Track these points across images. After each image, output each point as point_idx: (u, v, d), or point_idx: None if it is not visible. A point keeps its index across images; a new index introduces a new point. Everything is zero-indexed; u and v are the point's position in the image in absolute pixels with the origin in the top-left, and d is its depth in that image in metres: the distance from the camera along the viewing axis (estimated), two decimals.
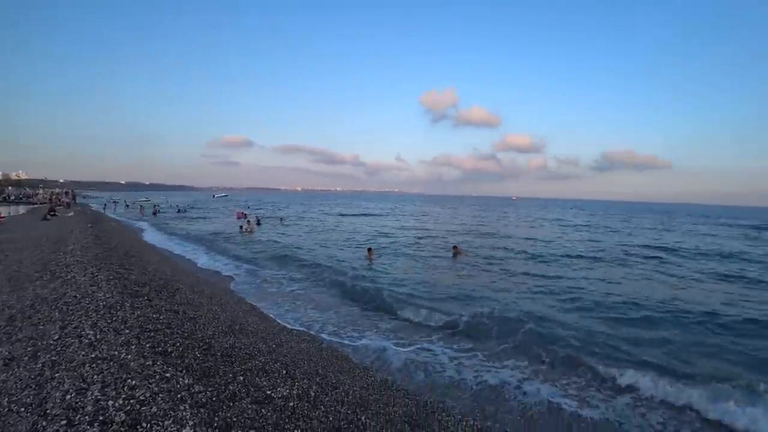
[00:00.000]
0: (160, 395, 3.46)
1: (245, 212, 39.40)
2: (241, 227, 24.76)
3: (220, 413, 3.47)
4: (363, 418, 4.26)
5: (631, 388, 5.81)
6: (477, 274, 13.58)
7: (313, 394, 4.52)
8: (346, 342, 7.44)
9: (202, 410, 3.42)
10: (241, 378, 4.38)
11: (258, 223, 29.27)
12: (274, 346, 6.16)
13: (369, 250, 16.17)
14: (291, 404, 4.09)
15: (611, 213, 73.78)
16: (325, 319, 8.70)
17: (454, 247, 18.10)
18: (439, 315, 8.76)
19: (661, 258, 18.20)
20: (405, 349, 7.19)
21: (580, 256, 17.70)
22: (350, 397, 4.74)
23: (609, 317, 9.05)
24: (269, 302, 9.77)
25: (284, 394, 4.29)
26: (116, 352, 4.15)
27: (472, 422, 4.73)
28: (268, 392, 4.22)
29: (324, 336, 7.65)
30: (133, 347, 4.36)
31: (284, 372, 4.99)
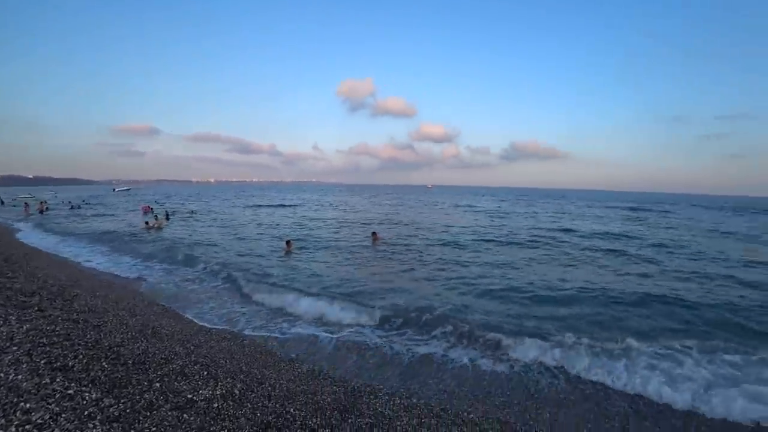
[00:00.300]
0: (63, 415, 3.16)
1: (152, 207, 36.17)
2: (147, 223, 22.69)
3: (136, 425, 3.27)
4: (291, 410, 4.27)
5: (523, 354, 6.60)
6: (395, 262, 13.83)
7: (237, 392, 4.42)
8: (275, 335, 7.34)
9: (115, 425, 3.19)
10: (158, 384, 4.13)
11: (167, 218, 27.06)
12: (192, 347, 5.87)
13: (287, 242, 15.80)
14: (215, 405, 3.97)
15: (519, 198, 79.48)
16: (246, 315, 8.45)
17: (373, 234, 18.43)
18: (361, 304, 8.93)
19: (560, 239, 20.22)
20: (334, 336, 7.30)
21: (491, 241, 18.85)
22: (277, 391, 4.72)
23: (514, 297, 9.84)
24: (184, 302, 9.21)
25: (207, 395, 4.15)
26: (2, 374, 3.67)
27: (398, 401, 4.97)
28: (190, 396, 4.05)
29: (247, 332, 7.45)
30: (24, 366, 3.89)
31: (205, 373, 4.80)
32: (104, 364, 4.37)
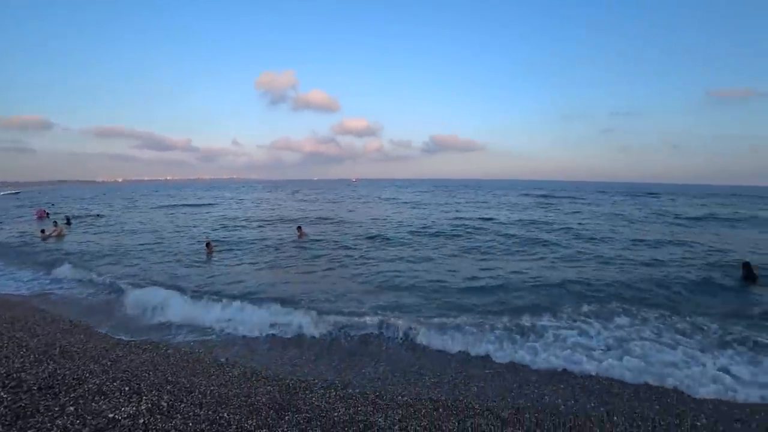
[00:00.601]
0: None
1: (48, 211, 32.04)
2: (43, 231, 20.06)
3: None
4: (225, 414, 4.19)
5: (452, 339, 7.05)
6: (322, 259, 13.66)
7: (165, 404, 4.23)
8: (201, 340, 7.03)
9: None
10: (72, 408, 3.83)
11: (68, 224, 24.20)
12: (109, 363, 5.46)
13: (208, 244, 14.97)
14: (141, 421, 3.77)
15: (442, 190, 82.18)
16: (168, 324, 7.98)
17: (299, 228, 18.17)
18: (290, 304, 8.72)
19: (480, 227, 21.36)
20: (263, 337, 7.18)
21: (415, 233, 19.23)
22: (209, 398, 4.58)
23: (439, 287, 10.17)
24: (96, 316, 8.44)
25: (131, 412, 3.92)
26: None
27: (334, 392, 5.07)
28: (111, 415, 3.80)
29: (171, 340, 7.06)
30: None
31: (127, 389, 4.51)
32: (2, 394, 3.93)
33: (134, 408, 4.00)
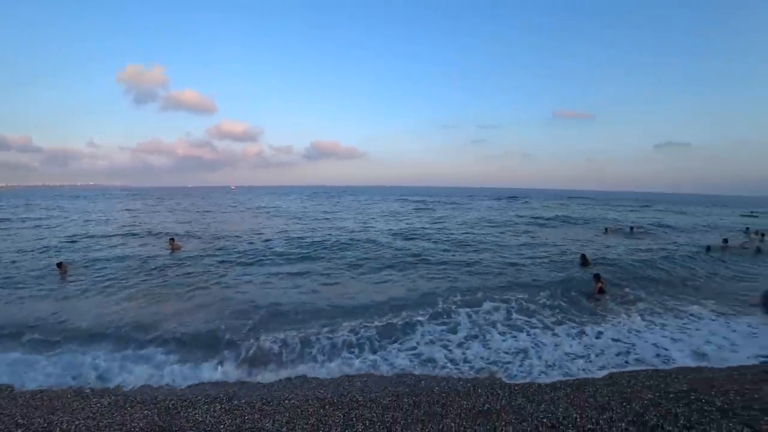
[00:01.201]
0: None
1: None
2: None
3: None
4: None
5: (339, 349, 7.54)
6: (195, 278, 12.50)
7: None
8: (58, 372, 6.20)
9: None
10: None
11: None
12: None
13: (59, 265, 12.84)
14: None
15: (324, 197, 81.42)
16: (14, 363, 6.85)
17: (171, 240, 16.77)
18: (155, 330, 8.05)
19: (368, 238, 22.16)
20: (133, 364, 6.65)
21: (301, 247, 18.10)
22: None
23: (318, 303, 10.52)
24: None
25: None
26: None
27: (219, 406, 5.04)
28: None
29: (17, 382, 6.10)
30: None
31: None
32: None
33: None
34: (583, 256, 14.00)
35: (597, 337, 7.63)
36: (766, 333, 7.63)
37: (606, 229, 24.84)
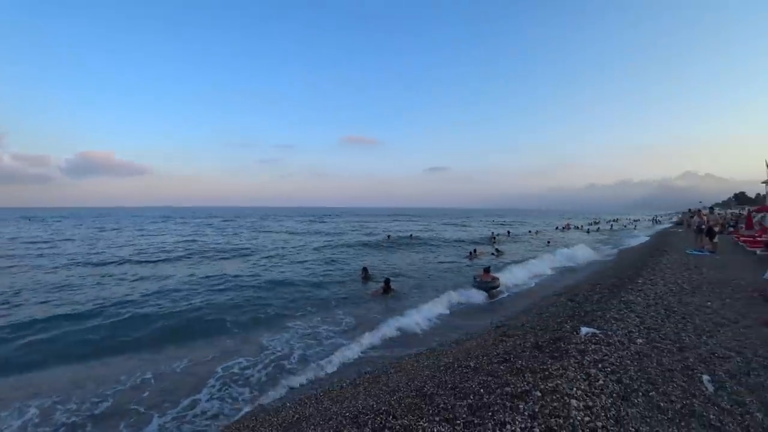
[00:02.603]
0: None
1: None
2: None
3: None
4: None
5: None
6: None
7: None
8: None
9: None
10: None
11: None
12: None
13: None
14: None
15: (91, 221, 67.34)
16: None
17: None
18: None
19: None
20: None
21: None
22: None
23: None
24: None
25: None
26: None
27: None
28: None
29: None
30: None
31: None
32: None
33: None
34: (365, 270, 15.85)
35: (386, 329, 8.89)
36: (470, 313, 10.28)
37: (388, 235, 29.82)
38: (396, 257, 22.47)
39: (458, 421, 3.90)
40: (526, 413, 3.82)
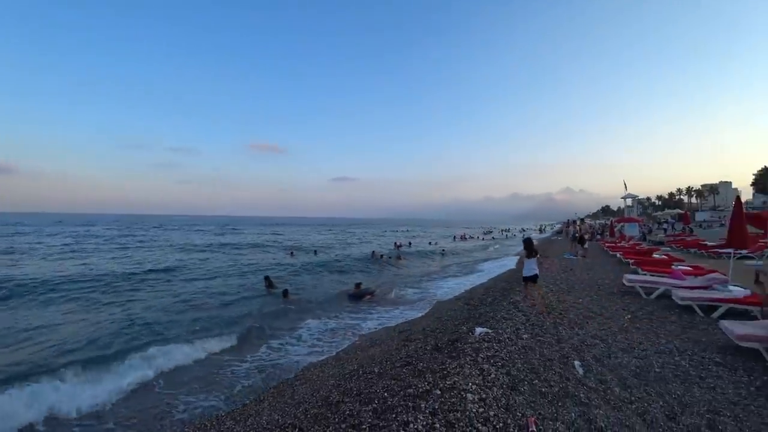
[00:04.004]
0: None
1: None
2: None
3: None
4: None
5: None
6: None
7: None
8: None
9: None
10: None
11: None
12: None
13: None
14: None
15: None
16: None
17: None
18: None
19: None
20: None
21: None
22: None
23: None
24: None
25: None
26: None
27: None
28: None
29: None
30: None
31: None
32: None
33: None
34: (267, 279, 15.60)
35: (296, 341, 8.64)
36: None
37: (291, 252, 29.34)
38: (299, 273, 22.23)
39: (364, 426, 3.92)
40: (427, 411, 3.98)
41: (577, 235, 21.64)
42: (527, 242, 8.96)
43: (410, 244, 42.16)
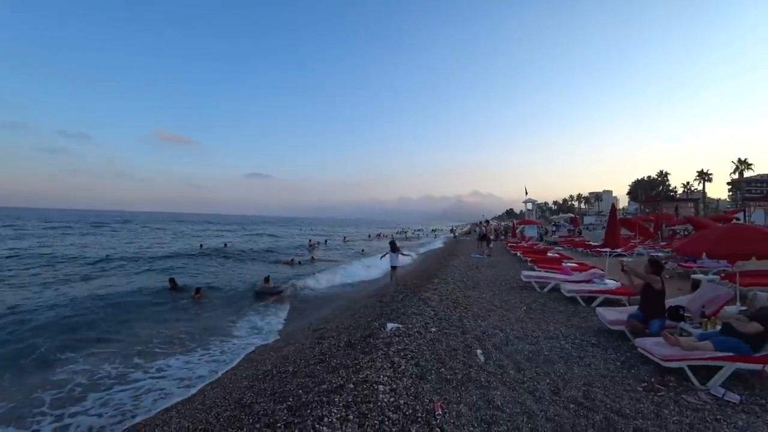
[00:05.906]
0: None
1: None
2: None
3: None
4: None
5: None
6: None
7: None
8: None
9: None
10: None
11: None
12: None
13: None
14: None
15: None
16: None
17: None
18: None
19: None
20: None
21: None
22: None
23: None
24: None
25: None
26: None
27: None
28: None
29: None
30: None
31: None
32: None
33: None
34: (172, 280, 15.03)
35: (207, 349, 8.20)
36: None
37: (201, 245, 28.49)
38: (208, 267, 21.13)
39: (279, 424, 3.94)
40: (341, 404, 4.11)
41: (483, 234, 23.35)
42: (392, 243, 14.86)
43: (326, 242, 42.10)
